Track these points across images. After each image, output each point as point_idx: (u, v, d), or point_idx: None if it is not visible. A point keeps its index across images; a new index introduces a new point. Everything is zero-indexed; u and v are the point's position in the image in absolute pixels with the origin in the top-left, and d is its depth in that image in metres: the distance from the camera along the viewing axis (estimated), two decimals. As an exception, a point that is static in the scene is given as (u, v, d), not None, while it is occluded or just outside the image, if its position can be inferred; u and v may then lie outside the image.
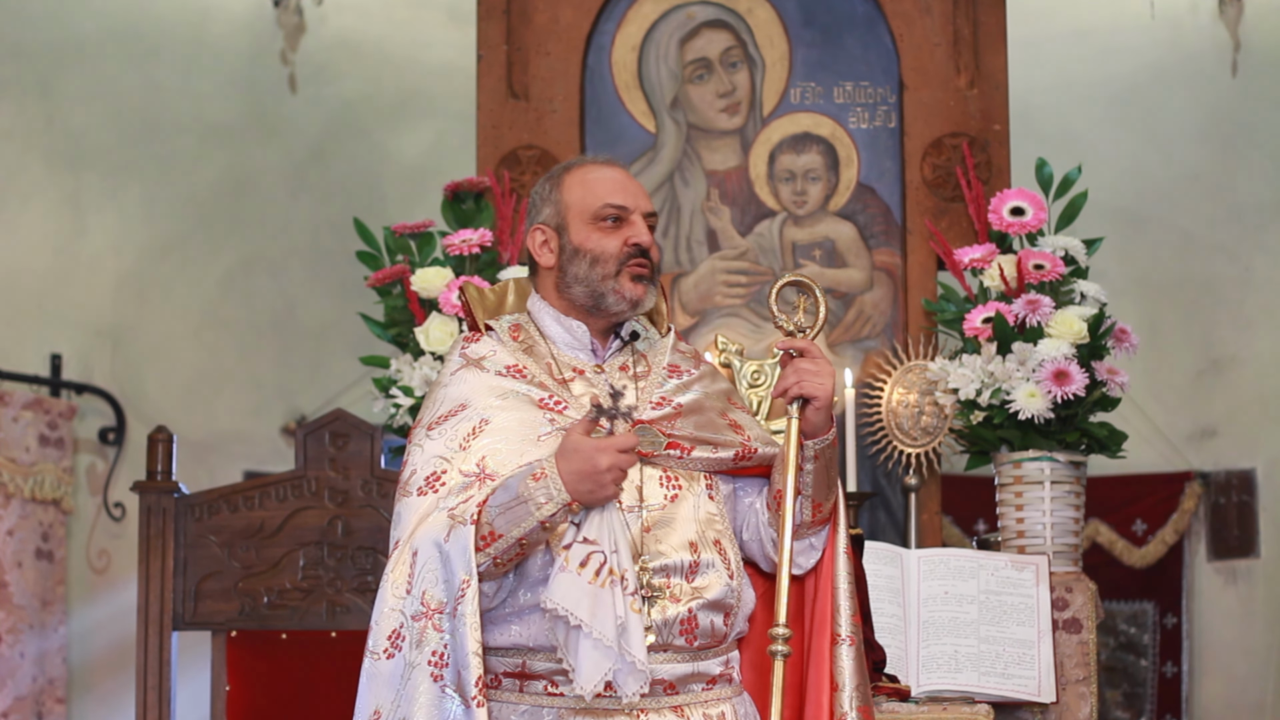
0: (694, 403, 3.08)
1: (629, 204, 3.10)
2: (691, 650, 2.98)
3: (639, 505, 2.98)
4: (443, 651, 2.85)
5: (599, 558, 2.84)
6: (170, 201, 6.71)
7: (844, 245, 5.21)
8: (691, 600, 2.96)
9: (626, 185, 3.12)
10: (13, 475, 6.02)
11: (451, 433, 3.01)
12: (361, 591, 4.43)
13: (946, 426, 4.78)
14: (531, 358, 3.09)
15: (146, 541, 4.46)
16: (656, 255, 3.12)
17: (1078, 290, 4.65)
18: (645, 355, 3.14)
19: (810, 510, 3.05)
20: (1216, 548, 6.93)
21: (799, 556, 3.09)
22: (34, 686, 6.02)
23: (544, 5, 5.28)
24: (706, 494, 3.05)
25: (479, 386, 3.06)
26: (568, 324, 3.12)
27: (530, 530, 2.86)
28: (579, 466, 2.84)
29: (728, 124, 5.30)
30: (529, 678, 2.96)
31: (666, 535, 2.98)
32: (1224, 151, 6.89)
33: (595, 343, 3.12)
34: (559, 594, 2.83)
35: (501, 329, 3.15)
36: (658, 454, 3.01)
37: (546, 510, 2.85)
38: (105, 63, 6.52)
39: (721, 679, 3.03)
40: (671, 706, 2.96)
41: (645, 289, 3.08)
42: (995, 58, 5.20)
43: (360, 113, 7.02)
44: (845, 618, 3.07)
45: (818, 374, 2.98)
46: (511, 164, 5.21)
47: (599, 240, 3.08)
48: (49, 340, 6.35)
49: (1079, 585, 4.42)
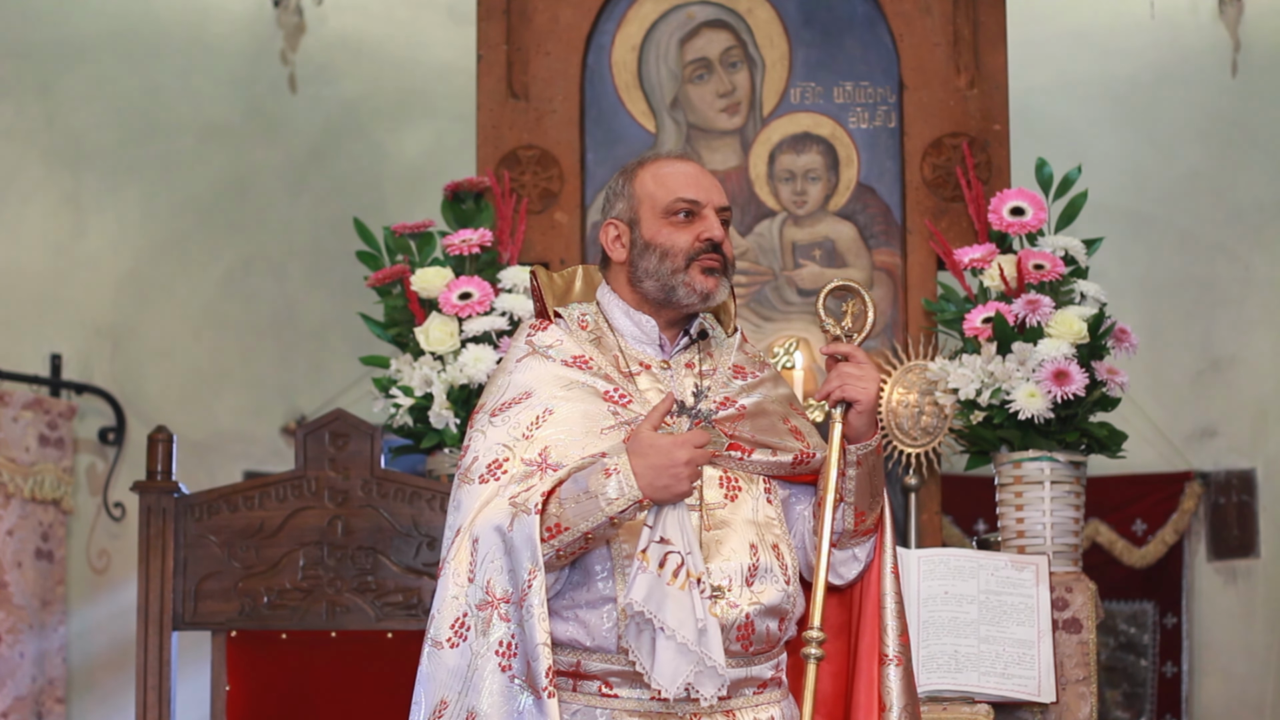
0: (757, 405, 3.07)
1: (701, 198, 3.08)
2: (746, 655, 2.97)
3: (698, 505, 2.96)
4: (510, 642, 2.83)
5: (675, 559, 2.82)
6: (170, 201, 6.71)
7: (844, 245, 5.21)
8: (749, 605, 2.95)
9: (700, 179, 3.10)
10: (13, 475, 6.02)
11: (515, 421, 2.99)
12: (361, 591, 4.43)
13: (946, 426, 4.78)
14: (599, 349, 3.08)
15: (146, 541, 4.46)
16: (730, 250, 3.10)
17: (1078, 290, 4.65)
18: (712, 354, 3.13)
19: (853, 518, 3.04)
20: (1216, 548, 6.93)
21: (840, 566, 3.08)
22: (34, 686, 6.02)
23: (544, 5, 5.28)
24: (765, 497, 3.04)
25: (544, 375, 3.04)
26: (637, 318, 3.11)
27: (598, 525, 2.83)
28: (656, 462, 2.81)
29: (728, 124, 5.30)
30: (583, 678, 2.95)
31: (726, 537, 2.96)
32: (1224, 151, 6.89)
33: (663, 338, 3.11)
34: (641, 595, 2.79)
35: (571, 318, 3.13)
36: (720, 454, 3.00)
37: (617, 506, 2.81)
38: (105, 63, 6.52)
39: (772, 683, 3.02)
40: (724, 711, 2.95)
41: (717, 282, 3.06)
42: (995, 58, 5.20)
43: (360, 113, 7.02)
44: (893, 637, 3.07)
45: (862, 378, 2.98)
46: (511, 164, 5.21)
47: (670, 234, 3.06)
48: (49, 340, 6.35)
49: (1079, 585, 4.42)
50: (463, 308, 4.71)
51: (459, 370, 4.65)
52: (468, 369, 4.63)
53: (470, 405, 4.63)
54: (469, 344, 4.70)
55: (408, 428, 4.75)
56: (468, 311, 4.71)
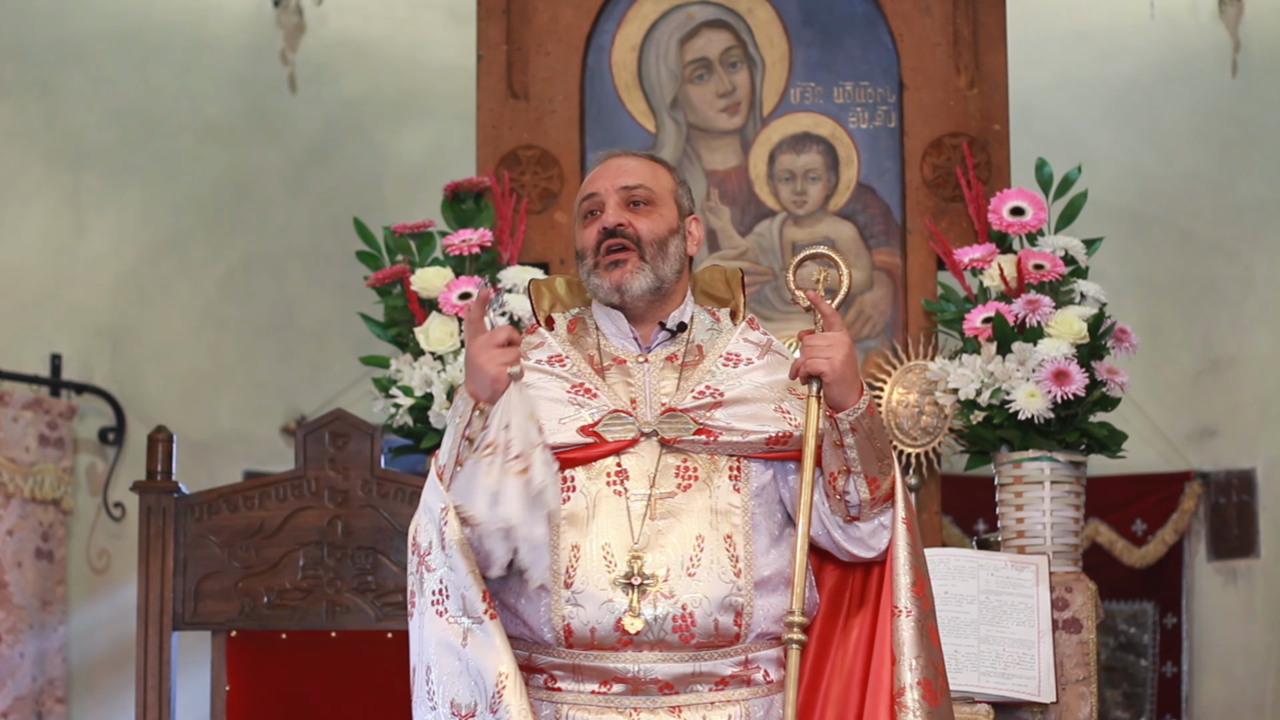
0: (743, 392, 3.01)
1: (600, 188, 3.06)
2: (689, 649, 2.91)
3: (648, 493, 2.94)
4: (440, 587, 2.85)
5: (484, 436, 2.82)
6: (170, 201, 6.71)
7: (844, 245, 5.21)
8: (688, 596, 2.90)
9: (604, 170, 3.09)
10: (13, 475, 6.02)
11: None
12: (361, 591, 4.43)
13: (946, 426, 4.78)
14: (577, 348, 3.09)
15: (146, 541, 4.46)
16: (646, 227, 3.04)
17: (1078, 290, 4.65)
18: (702, 345, 3.10)
19: (866, 487, 2.95)
20: (1216, 548, 6.92)
21: (870, 538, 3.00)
22: (34, 686, 6.02)
23: (544, 5, 5.28)
24: (731, 485, 2.98)
25: None
26: (613, 315, 3.10)
27: (460, 448, 2.85)
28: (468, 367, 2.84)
29: (727, 124, 5.30)
30: (533, 670, 2.96)
31: (671, 528, 2.92)
32: (1224, 151, 6.89)
33: (636, 333, 3.09)
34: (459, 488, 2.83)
35: (563, 321, 3.15)
36: (683, 440, 2.97)
37: (462, 422, 2.84)
38: (105, 63, 6.52)
39: (735, 680, 2.95)
40: (669, 707, 2.92)
41: (623, 273, 3.01)
42: (995, 58, 5.20)
43: (360, 113, 7.02)
44: (904, 590, 2.97)
45: (827, 347, 2.90)
46: (511, 164, 5.21)
47: (581, 235, 3.08)
48: (49, 340, 6.35)
49: (1079, 585, 4.42)
50: (463, 308, 4.71)
51: (459, 370, 4.65)
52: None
53: (470, 405, 4.64)
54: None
55: (408, 428, 4.75)
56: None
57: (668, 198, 3.09)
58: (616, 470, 2.95)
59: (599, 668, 2.90)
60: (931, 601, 3.02)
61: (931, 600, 3.02)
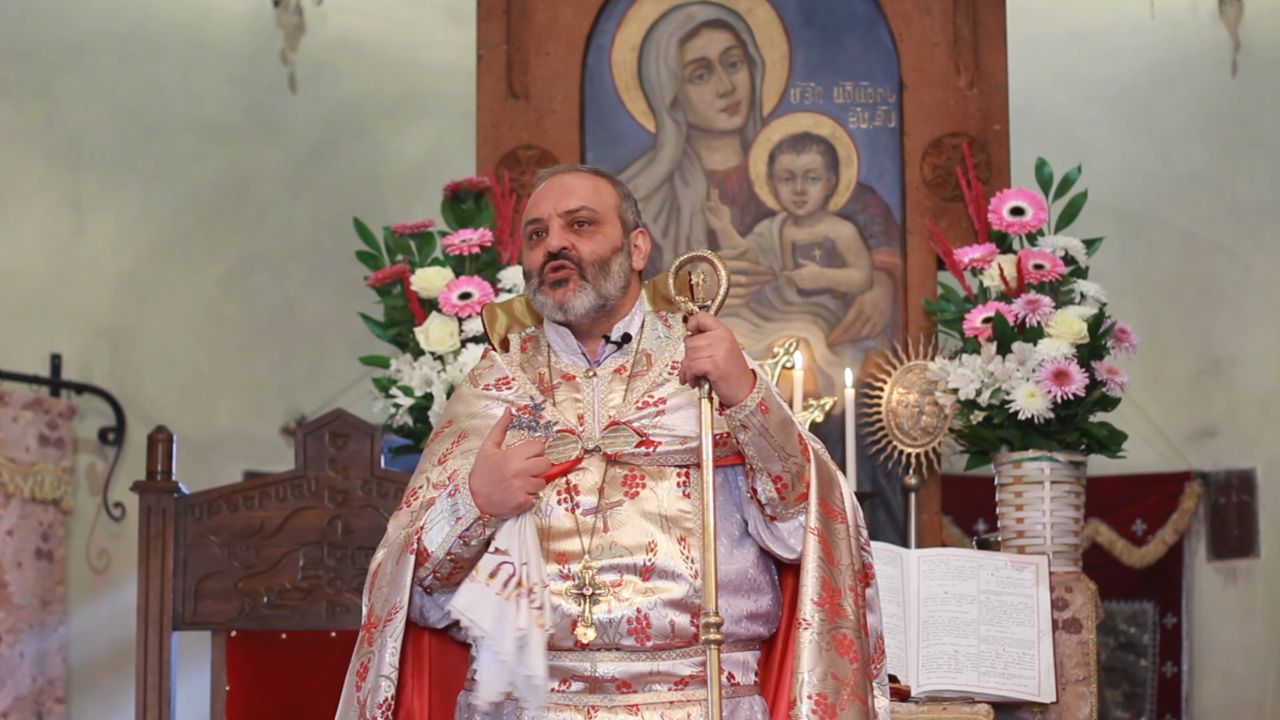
0: (689, 398, 3.01)
1: (543, 213, 3.10)
2: (645, 650, 2.93)
3: (596, 503, 2.96)
4: (367, 664, 2.98)
5: (508, 569, 2.86)
6: (170, 201, 6.71)
7: (844, 245, 5.21)
8: (643, 599, 2.92)
9: (547, 192, 3.12)
10: (13, 475, 6.02)
11: (437, 448, 3.11)
12: (361, 591, 4.43)
13: (946, 426, 4.78)
14: (528, 368, 3.13)
15: (146, 541, 4.46)
16: (588, 249, 3.06)
17: (1078, 290, 4.65)
18: (650, 353, 3.12)
19: (772, 485, 2.95)
20: (1216, 548, 6.92)
21: (789, 538, 2.99)
22: (34, 686, 6.02)
23: (544, 5, 5.28)
24: (679, 491, 2.99)
25: (466, 400, 3.14)
26: (561, 331, 3.14)
27: (452, 546, 2.92)
28: (489, 477, 2.88)
29: (727, 124, 5.30)
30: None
31: (621, 536, 2.94)
32: (1224, 151, 6.89)
33: (584, 348, 3.12)
34: (463, 603, 2.87)
35: (516, 342, 3.20)
36: (626, 453, 2.99)
37: (460, 526, 2.90)
38: (105, 63, 6.51)
39: (694, 680, 2.95)
40: (626, 705, 2.93)
41: (565, 292, 3.05)
42: (995, 58, 5.20)
43: (360, 113, 7.02)
44: (807, 601, 2.92)
45: (707, 346, 2.89)
46: (511, 164, 5.20)
47: (527, 257, 3.12)
48: (49, 340, 6.35)
49: (1079, 585, 4.42)
50: (462, 308, 4.71)
51: (459, 370, 4.65)
52: (468, 369, 4.63)
53: (470, 405, 4.64)
54: (469, 344, 4.70)
55: (408, 428, 4.75)
56: (467, 311, 4.71)
57: (611, 215, 3.12)
58: (567, 487, 2.99)
59: (558, 666, 2.92)
60: (849, 613, 2.95)
61: (847, 610, 2.95)
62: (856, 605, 2.97)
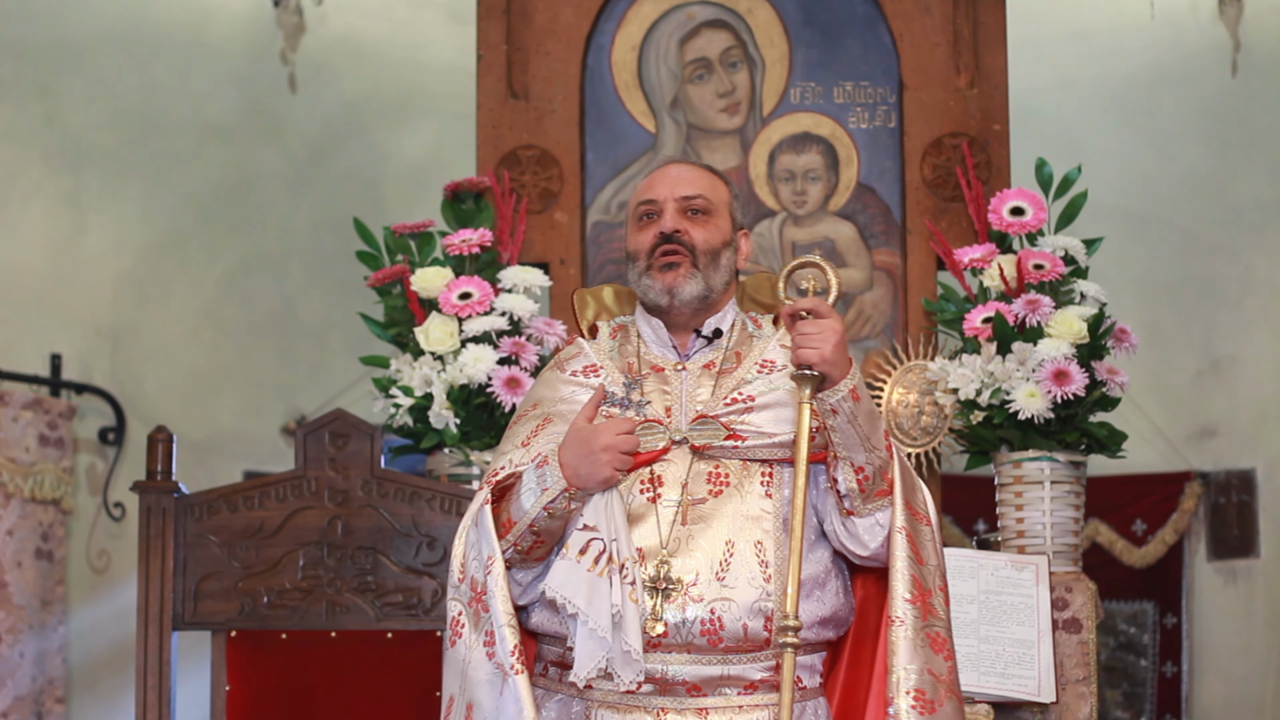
0: (775, 397, 3.04)
1: (659, 194, 3.11)
2: (716, 652, 2.93)
3: (679, 499, 2.96)
4: (492, 630, 2.92)
5: (598, 545, 2.87)
6: (170, 201, 6.71)
7: (844, 245, 5.21)
8: (717, 601, 2.92)
9: (664, 177, 3.14)
10: (13, 475, 6.02)
11: (520, 430, 3.11)
12: (361, 591, 4.43)
13: (946, 426, 4.78)
14: (617, 356, 3.14)
15: (146, 541, 4.46)
16: (699, 237, 3.08)
17: (1078, 290, 4.65)
18: (740, 351, 3.13)
19: (854, 476, 2.95)
20: (1216, 548, 6.93)
21: (864, 534, 3.00)
22: (34, 686, 6.02)
23: (544, 5, 5.28)
24: (762, 490, 3.00)
25: (553, 385, 3.15)
26: (653, 324, 3.16)
27: (536, 516, 2.91)
28: (577, 451, 2.89)
29: (727, 124, 5.30)
30: (566, 667, 2.99)
31: (701, 533, 2.95)
32: (1224, 151, 6.89)
33: (674, 340, 3.14)
34: (556, 581, 2.88)
35: (606, 330, 3.22)
36: (714, 446, 3.00)
37: (548, 496, 2.90)
38: (105, 63, 6.51)
39: (764, 685, 2.96)
40: (696, 709, 2.94)
41: (676, 276, 3.07)
42: (995, 58, 5.20)
43: (360, 113, 7.03)
44: (898, 598, 2.93)
45: (817, 335, 2.92)
46: (511, 164, 5.20)
47: (636, 238, 3.13)
48: (49, 340, 6.35)
49: (1079, 585, 4.42)
50: (463, 308, 4.71)
51: (459, 370, 4.65)
52: (468, 369, 4.64)
53: (470, 405, 4.65)
54: (469, 344, 4.70)
55: (408, 428, 4.75)
56: (468, 311, 4.71)
57: (723, 209, 3.15)
58: (650, 477, 2.99)
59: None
60: (940, 611, 2.98)
61: (938, 609, 2.98)
62: (945, 605, 3.00)
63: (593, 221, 5.23)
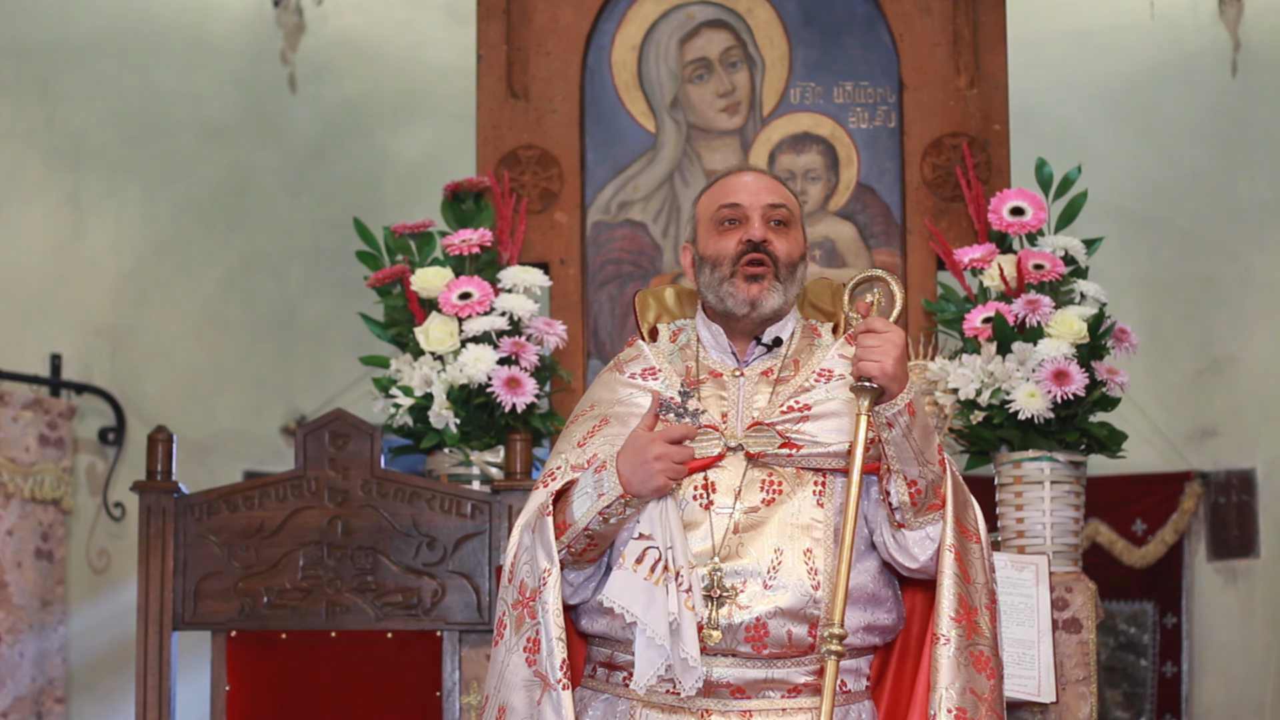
0: (831, 407, 3.05)
1: (744, 200, 3.09)
2: (761, 658, 2.94)
3: (732, 506, 2.97)
4: (535, 637, 2.93)
5: (654, 554, 2.87)
6: (170, 201, 6.71)
7: (844, 245, 5.21)
8: (763, 607, 2.93)
9: (747, 184, 3.12)
10: (13, 475, 6.02)
11: (576, 431, 3.11)
12: (361, 591, 4.43)
13: (946, 426, 4.78)
14: (676, 360, 3.15)
15: (146, 541, 4.46)
16: (784, 248, 3.08)
17: (1078, 290, 4.65)
18: (799, 359, 3.13)
19: (907, 490, 2.96)
20: (1216, 548, 6.92)
21: (913, 547, 3.01)
22: (33, 686, 6.02)
23: (544, 5, 5.28)
24: (814, 499, 3.01)
25: (611, 386, 3.16)
26: (713, 329, 3.15)
27: (592, 520, 2.92)
28: (634, 458, 2.88)
29: (728, 124, 5.30)
30: (614, 668, 3.02)
31: (753, 539, 2.96)
32: (1224, 151, 6.89)
33: (734, 347, 3.14)
34: (614, 590, 2.88)
35: (666, 332, 3.22)
36: (769, 454, 3.00)
37: (603, 501, 2.90)
38: (105, 63, 6.51)
39: (807, 689, 2.97)
40: (740, 711, 2.95)
41: (761, 288, 3.06)
42: (995, 58, 5.20)
43: (360, 113, 7.03)
44: (944, 617, 2.95)
45: (878, 349, 2.93)
46: (511, 164, 5.21)
47: (716, 243, 3.10)
48: (49, 340, 6.35)
49: (1079, 585, 4.42)
50: (463, 308, 4.71)
51: (459, 370, 4.65)
52: (468, 369, 4.64)
53: (470, 405, 4.65)
54: (469, 344, 4.70)
55: (408, 428, 4.75)
56: (468, 311, 4.71)
57: (800, 222, 3.16)
58: (704, 484, 3.00)
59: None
60: (985, 630, 3.00)
61: (983, 627, 3.00)
62: (992, 623, 3.02)
63: (593, 221, 5.23)
